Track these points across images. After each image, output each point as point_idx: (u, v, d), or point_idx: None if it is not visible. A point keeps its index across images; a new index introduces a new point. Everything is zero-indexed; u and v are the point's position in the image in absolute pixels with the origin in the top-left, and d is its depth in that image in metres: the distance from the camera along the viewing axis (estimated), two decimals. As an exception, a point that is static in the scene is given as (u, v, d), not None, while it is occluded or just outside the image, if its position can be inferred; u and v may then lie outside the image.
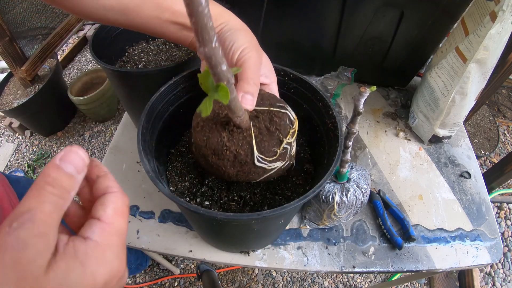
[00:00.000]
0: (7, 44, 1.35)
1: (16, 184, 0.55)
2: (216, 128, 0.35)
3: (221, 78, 0.24)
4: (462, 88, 0.59)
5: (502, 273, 1.31)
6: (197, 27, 0.19)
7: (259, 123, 0.35)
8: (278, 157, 0.36)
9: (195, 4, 0.18)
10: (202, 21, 0.19)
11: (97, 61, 0.50)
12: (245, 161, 0.34)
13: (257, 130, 0.35)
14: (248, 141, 0.34)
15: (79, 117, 1.82)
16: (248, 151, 0.34)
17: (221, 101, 0.25)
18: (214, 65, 0.23)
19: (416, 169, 0.67)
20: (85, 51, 2.20)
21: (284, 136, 0.35)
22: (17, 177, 0.60)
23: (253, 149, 0.34)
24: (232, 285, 1.26)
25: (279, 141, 0.35)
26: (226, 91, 0.25)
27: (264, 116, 0.36)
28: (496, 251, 0.57)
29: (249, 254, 0.54)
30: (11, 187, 0.53)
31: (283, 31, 0.74)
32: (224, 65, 0.23)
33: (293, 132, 0.36)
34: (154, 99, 0.42)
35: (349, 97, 0.80)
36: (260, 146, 0.34)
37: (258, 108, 0.36)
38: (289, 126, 0.36)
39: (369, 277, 1.30)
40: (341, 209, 0.49)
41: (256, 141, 0.34)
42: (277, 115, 0.36)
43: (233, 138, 0.34)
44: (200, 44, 0.21)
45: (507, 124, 1.78)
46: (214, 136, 0.35)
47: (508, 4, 0.48)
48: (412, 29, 0.67)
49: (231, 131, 0.34)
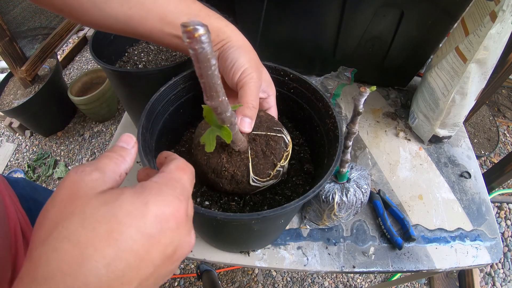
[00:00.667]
0: (7, 44, 1.35)
1: (15, 185, 0.55)
2: (216, 149, 0.37)
3: (225, 122, 0.27)
4: (462, 88, 0.60)
5: (502, 273, 1.31)
6: (206, 86, 0.22)
7: (256, 146, 0.38)
8: (272, 177, 0.39)
9: (206, 69, 0.20)
10: (211, 81, 0.22)
11: (97, 61, 0.50)
12: (241, 180, 0.37)
13: (254, 153, 0.37)
14: (245, 163, 0.37)
15: (79, 117, 1.82)
16: (245, 172, 0.37)
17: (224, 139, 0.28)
18: (219, 113, 0.26)
19: (416, 169, 0.67)
20: (85, 51, 2.20)
21: (278, 160, 0.38)
22: (16, 178, 0.60)
23: (249, 171, 0.37)
24: (232, 285, 1.26)
25: (273, 164, 0.38)
26: (229, 133, 0.28)
27: (261, 140, 0.39)
28: (496, 251, 0.57)
29: (249, 254, 0.54)
30: (10, 187, 0.53)
31: (283, 31, 0.74)
32: (228, 112, 0.26)
33: (287, 155, 0.40)
34: (154, 99, 0.42)
35: (349, 97, 0.80)
36: (256, 168, 0.37)
37: (256, 132, 0.39)
38: (284, 149, 0.39)
39: (369, 277, 1.30)
40: (341, 209, 0.49)
41: (252, 164, 0.37)
42: (273, 139, 0.39)
43: (231, 160, 0.37)
44: (208, 98, 0.24)
45: (507, 124, 1.78)
46: (214, 157, 0.37)
47: (508, 4, 0.48)
48: (412, 29, 0.67)
49: (230, 153, 0.37)
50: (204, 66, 0.20)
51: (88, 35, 2.22)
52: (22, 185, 0.59)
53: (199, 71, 0.21)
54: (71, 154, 1.68)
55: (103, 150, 1.69)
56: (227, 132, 0.28)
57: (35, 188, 0.64)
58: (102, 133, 1.75)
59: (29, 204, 0.56)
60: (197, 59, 0.20)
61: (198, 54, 0.19)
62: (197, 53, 0.19)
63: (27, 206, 0.54)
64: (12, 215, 0.45)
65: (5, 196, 0.47)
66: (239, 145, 0.34)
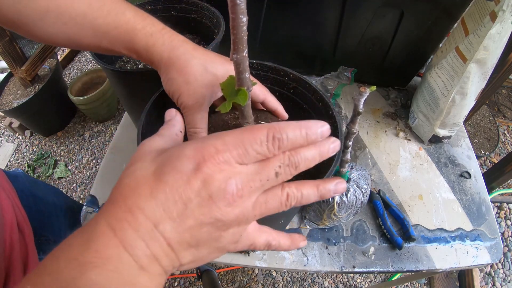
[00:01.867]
0: (7, 44, 1.35)
1: (15, 180, 0.56)
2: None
3: (243, 83, 0.29)
4: (462, 88, 0.60)
5: (502, 273, 1.31)
6: (235, 38, 0.25)
7: None
8: None
9: (239, 21, 0.23)
10: (240, 33, 0.24)
11: (97, 61, 0.50)
12: None
13: None
14: None
15: (79, 117, 1.82)
16: None
17: (239, 103, 0.30)
18: (241, 71, 0.27)
19: (416, 169, 0.67)
20: (85, 51, 2.20)
21: None
22: (16, 173, 0.60)
23: None
24: (232, 285, 1.26)
25: None
26: (246, 94, 0.29)
27: None
28: (496, 251, 0.57)
29: (249, 254, 0.54)
30: (9, 182, 0.53)
31: (283, 31, 0.74)
32: (248, 73, 0.28)
33: None
34: (154, 99, 0.42)
35: (349, 97, 0.80)
36: None
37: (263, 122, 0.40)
38: None
39: (369, 277, 1.30)
40: (341, 209, 0.49)
41: None
42: None
43: None
44: (234, 51, 0.26)
45: (507, 124, 1.78)
46: None
47: (508, 4, 0.48)
48: (412, 29, 0.67)
49: None
50: (238, 18, 0.23)
51: (88, 35, 2.22)
52: (22, 180, 0.59)
53: (232, 23, 0.23)
54: (71, 154, 1.68)
55: (103, 150, 1.69)
56: (243, 94, 0.29)
57: (35, 182, 0.65)
58: (102, 133, 1.75)
59: (29, 200, 0.56)
60: (234, 10, 0.22)
61: (235, 5, 0.22)
62: (235, 4, 0.22)
63: (27, 202, 0.54)
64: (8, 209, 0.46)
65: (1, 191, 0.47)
66: (249, 122, 0.35)
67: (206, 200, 0.20)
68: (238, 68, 0.27)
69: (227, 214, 0.21)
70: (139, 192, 0.20)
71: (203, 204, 0.20)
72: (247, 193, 0.22)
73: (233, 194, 0.21)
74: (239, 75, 0.28)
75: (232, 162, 0.21)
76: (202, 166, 0.20)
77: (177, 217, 0.20)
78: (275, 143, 0.22)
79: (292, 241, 0.28)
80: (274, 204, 0.23)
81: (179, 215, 0.20)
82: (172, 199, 0.20)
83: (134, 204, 0.20)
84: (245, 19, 0.23)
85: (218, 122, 0.41)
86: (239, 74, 0.28)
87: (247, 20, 0.23)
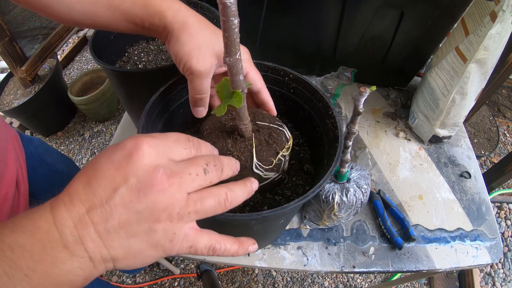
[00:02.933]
0: (7, 44, 1.35)
1: (28, 143, 0.56)
2: (222, 136, 0.39)
3: (238, 86, 0.29)
4: (462, 88, 0.60)
5: (502, 273, 1.31)
6: (227, 40, 0.24)
7: (260, 135, 0.40)
8: (273, 167, 0.40)
9: (230, 24, 0.23)
10: (232, 36, 0.24)
11: (97, 61, 0.50)
12: (245, 166, 0.38)
13: (258, 141, 0.39)
14: (249, 149, 0.38)
15: (79, 117, 1.82)
16: (248, 158, 0.38)
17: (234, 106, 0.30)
18: (234, 74, 0.27)
19: (416, 169, 0.67)
20: (85, 51, 2.20)
21: (280, 149, 0.40)
22: (31, 137, 0.60)
23: (252, 156, 0.38)
24: (232, 285, 1.26)
25: (276, 152, 0.40)
26: (240, 97, 0.29)
27: (264, 131, 0.40)
28: (496, 251, 0.57)
29: (249, 254, 0.54)
30: (21, 144, 0.54)
31: (283, 31, 0.74)
32: (242, 75, 0.28)
33: (288, 147, 0.41)
34: (154, 99, 0.42)
35: (349, 97, 0.80)
36: (259, 154, 0.38)
37: (260, 123, 0.40)
38: (285, 142, 0.41)
39: (369, 277, 1.30)
40: (341, 209, 0.49)
41: (256, 150, 0.38)
42: (275, 131, 0.40)
43: (236, 145, 0.38)
44: (227, 54, 0.25)
45: (507, 124, 1.78)
46: (220, 142, 0.39)
47: (508, 4, 0.48)
48: (412, 29, 0.67)
49: (235, 139, 0.38)
50: (229, 20, 0.23)
51: (88, 35, 2.22)
52: (36, 144, 0.60)
53: (223, 26, 0.23)
54: (71, 154, 1.68)
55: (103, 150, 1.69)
56: (238, 97, 0.29)
57: (48, 149, 0.65)
58: (102, 133, 1.75)
59: (34, 163, 0.56)
60: (224, 13, 0.22)
61: (226, 8, 0.22)
62: (225, 6, 0.22)
63: (31, 164, 0.55)
64: (11, 168, 0.47)
65: (11, 150, 0.48)
66: (246, 123, 0.35)
67: (133, 187, 0.21)
68: (231, 71, 0.27)
69: (154, 203, 0.22)
70: (81, 178, 0.22)
71: (131, 190, 0.21)
72: (177, 184, 0.22)
73: (161, 181, 0.22)
74: (233, 78, 0.28)
75: (162, 154, 0.23)
76: (133, 155, 0.22)
77: (105, 203, 0.21)
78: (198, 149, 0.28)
79: (240, 245, 0.28)
80: (210, 202, 0.24)
81: (107, 201, 0.21)
82: (103, 186, 0.21)
83: (73, 189, 0.22)
84: (237, 21, 0.23)
85: (215, 123, 0.41)
86: (233, 77, 0.28)
87: (239, 22, 0.23)
